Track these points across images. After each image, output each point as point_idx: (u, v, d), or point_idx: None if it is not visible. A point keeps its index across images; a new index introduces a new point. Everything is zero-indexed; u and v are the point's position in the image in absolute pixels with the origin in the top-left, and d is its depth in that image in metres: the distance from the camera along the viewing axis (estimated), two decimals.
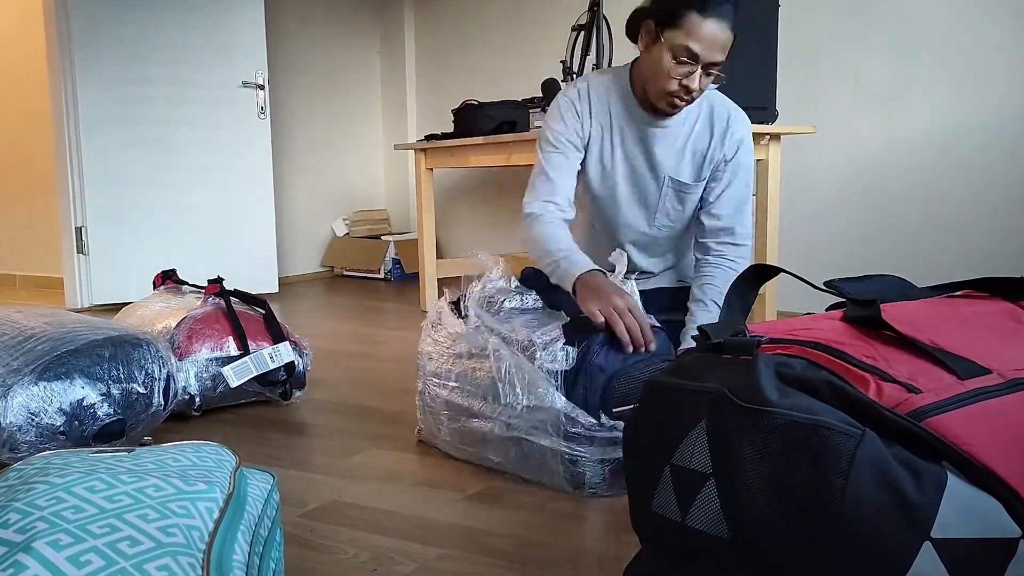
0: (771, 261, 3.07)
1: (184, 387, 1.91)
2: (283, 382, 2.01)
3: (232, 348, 1.99)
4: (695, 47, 1.60)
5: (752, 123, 2.84)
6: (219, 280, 2.15)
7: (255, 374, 1.96)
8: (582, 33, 3.03)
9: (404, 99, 5.00)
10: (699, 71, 1.63)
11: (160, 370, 1.71)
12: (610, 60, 2.95)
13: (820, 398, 0.86)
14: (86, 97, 3.67)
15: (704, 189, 1.83)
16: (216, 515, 0.82)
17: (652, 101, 1.72)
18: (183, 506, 0.81)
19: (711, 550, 0.89)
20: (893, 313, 1.01)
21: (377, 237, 4.85)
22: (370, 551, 1.23)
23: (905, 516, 0.78)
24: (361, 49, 5.05)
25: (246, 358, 1.96)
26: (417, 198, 3.61)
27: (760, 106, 2.88)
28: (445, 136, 3.49)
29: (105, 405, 1.59)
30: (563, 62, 3.14)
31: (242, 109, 4.01)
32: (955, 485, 0.80)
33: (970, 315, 1.08)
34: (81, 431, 1.56)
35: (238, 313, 2.09)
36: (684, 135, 1.79)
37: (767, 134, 2.94)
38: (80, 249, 3.76)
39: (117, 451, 0.94)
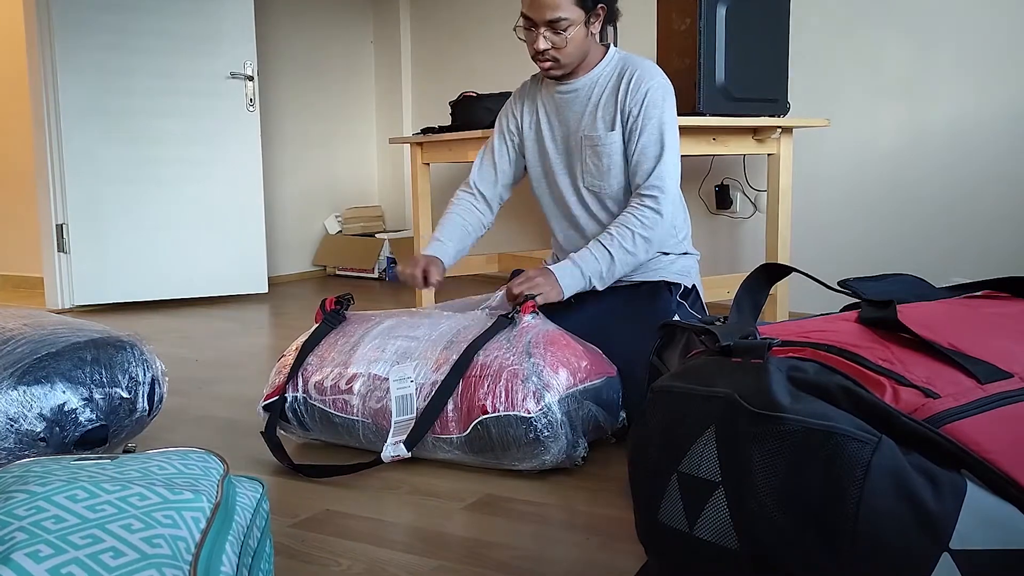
0: (783, 260, 3.07)
1: None
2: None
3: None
4: (526, 11, 1.85)
5: (763, 116, 2.86)
6: None
7: None
8: None
9: (399, 91, 5.00)
10: (539, 33, 1.84)
11: (145, 374, 1.71)
12: None
13: (834, 403, 0.86)
14: (67, 88, 3.67)
15: (625, 149, 1.94)
16: (203, 525, 0.82)
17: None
18: (168, 516, 0.81)
19: (720, 562, 0.89)
20: (910, 314, 1.01)
21: (371, 235, 4.85)
22: (364, 563, 1.23)
23: (923, 526, 0.78)
24: (354, 38, 5.05)
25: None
26: (413, 194, 3.61)
27: (771, 98, 2.88)
28: (442, 129, 3.49)
29: (87, 410, 1.59)
30: None
31: (230, 101, 4.01)
32: (975, 494, 0.80)
33: (991, 316, 1.08)
34: (62, 438, 1.56)
35: None
36: (596, 94, 1.95)
37: (778, 127, 2.94)
38: (61, 247, 3.76)
39: (100, 459, 0.94)
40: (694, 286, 2.04)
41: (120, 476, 0.87)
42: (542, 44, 1.85)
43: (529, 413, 1.50)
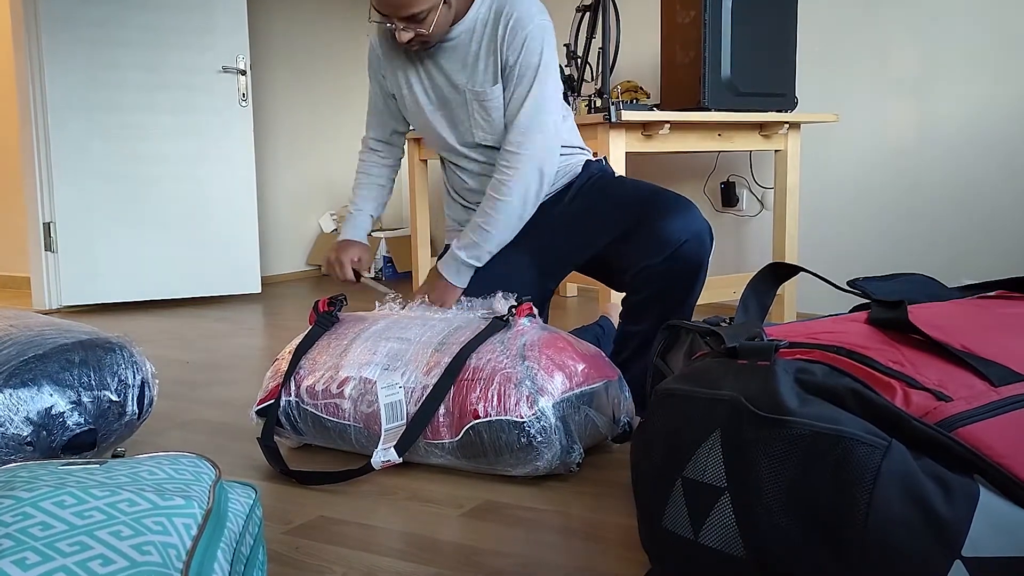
0: (790, 259, 3.07)
1: None
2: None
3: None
4: (379, 7, 1.78)
5: (769, 111, 2.86)
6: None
7: None
8: (587, 14, 3.03)
9: None
10: (399, 26, 1.78)
11: (134, 376, 1.71)
12: (617, 43, 2.95)
13: (843, 407, 0.86)
14: (54, 83, 3.67)
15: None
16: (194, 532, 0.82)
17: None
18: (159, 522, 0.81)
19: (725, 569, 0.89)
20: (921, 315, 1.02)
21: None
22: (359, 570, 1.23)
23: (934, 533, 0.78)
24: (350, 31, 5.05)
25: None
26: (410, 191, 3.61)
27: (778, 93, 2.88)
28: None
29: (75, 414, 1.59)
30: (567, 45, 3.15)
31: (222, 96, 4.01)
32: (988, 500, 0.80)
33: (1005, 317, 1.08)
34: (50, 442, 1.56)
35: None
36: (476, 43, 1.88)
37: (785, 123, 2.94)
38: (48, 246, 3.76)
39: (88, 463, 0.94)
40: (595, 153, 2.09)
41: (109, 481, 0.87)
42: (405, 37, 1.79)
43: (522, 418, 1.49)
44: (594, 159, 2.07)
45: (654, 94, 3.33)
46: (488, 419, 1.51)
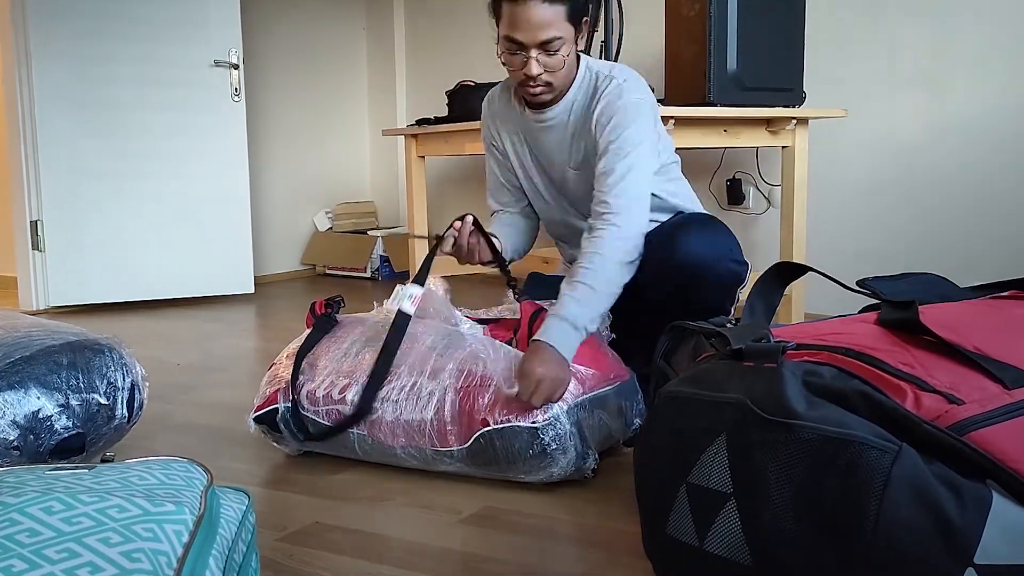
0: (797, 258, 3.07)
1: None
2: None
3: None
4: (515, 35, 1.72)
5: (777, 106, 2.86)
6: None
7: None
8: (590, 7, 3.03)
9: (393, 80, 5.00)
10: (532, 56, 1.74)
11: (124, 379, 1.71)
12: (620, 36, 2.95)
13: (852, 410, 0.86)
14: (42, 77, 3.67)
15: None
16: (185, 539, 0.82)
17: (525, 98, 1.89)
18: (149, 529, 0.81)
19: None
20: (933, 316, 1.01)
21: (363, 232, 4.85)
22: None
23: (946, 540, 0.78)
24: (346, 24, 5.05)
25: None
26: (407, 189, 3.61)
27: (785, 87, 2.88)
28: (438, 120, 3.49)
29: (63, 418, 1.59)
30: None
31: (214, 91, 4.01)
32: (1001, 506, 0.80)
33: (1018, 318, 1.08)
34: (37, 446, 1.56)
35: None
36: (572, 124, 1.89)
37: (793, 119, 2.94)
38: (35, 245, 3.76)
39: (77, 468, 0.94)
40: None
41: (98, 487, 0.87)
42: (535, 69, 1.75)
43: (535, 424, 1.49)
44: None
45: (658, 89, 3.33)
46: (500, 426, 1.51)
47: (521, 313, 1.76)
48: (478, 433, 1.53)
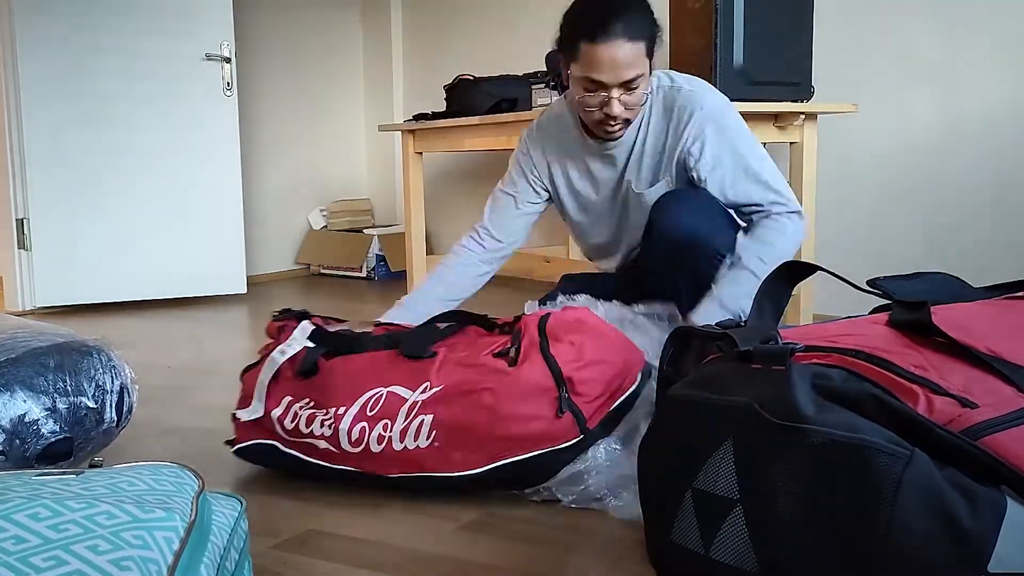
0: (806, 257, 3.07)
1: None
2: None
3: None
4: (597, 76, 1.74)
5: (785, 101, 2.86)
6: None
7: None
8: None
9: (389, 73, 5.00)
10: (614, 95, 1.76)
11: (113, 381, 1.70)
12: None
13: (863, 413, 0.86)
14: (28, 70, 3.67)
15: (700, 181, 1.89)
16: (176, 546, 0.82)
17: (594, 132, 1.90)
18: (138, 536, 0.81)
19: None
20: (945, 317, 1.01)
21: (359, 231, 4.85)
22: None
23: (959, 548, 0.78)
24: (341, 16, 5.05)
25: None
26: (404, 186, 3.61)
27: (793, 82, 2.88)
28: (436, 116, 3.49)
29: (50, 421, 1.59)
30: None
31: (205, 85, 4.01)
32: (1016, 513, 0.80)
33: None
34: (23, 451, 1.56)
35: None
36: (640, 142, 1.92)
37: (801, 114, 2.94)
38: (21, 244, 3.76)
39: (64, 474, 0.94)
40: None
41: (86, 493, 0.87)
42: (617, 109, 1.77)
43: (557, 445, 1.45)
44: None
45: None
46: (517, 458, 1.45)
47: (524, 324, 1.61)
48: (498, 464, 1.46)
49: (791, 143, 3.06)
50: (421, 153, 3.61)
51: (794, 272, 1.18)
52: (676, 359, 1.27)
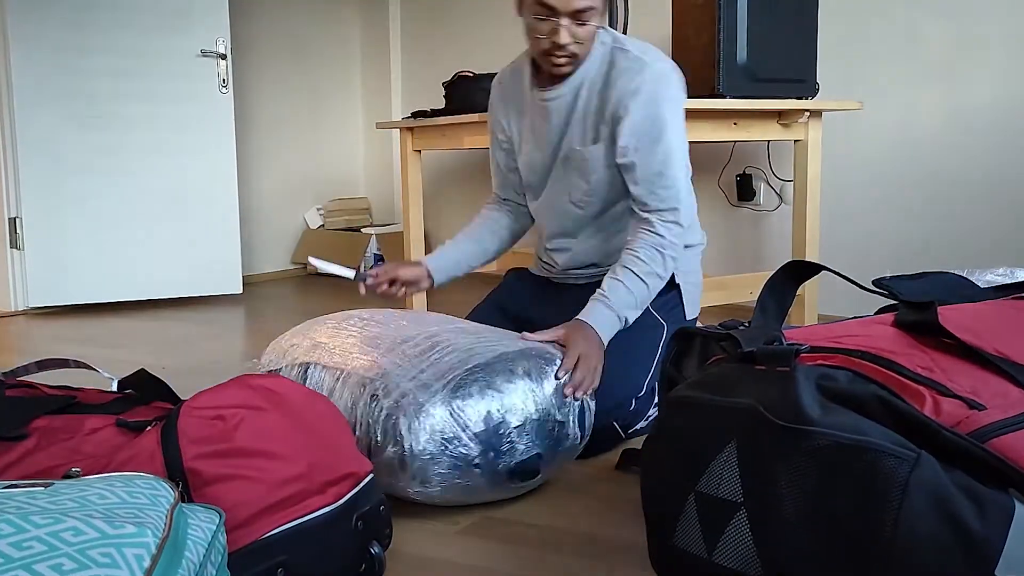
0: (811, 257, 3.07)
1: None
2: None
3: None
4: (549, 0, 1.72)
5: (789, 98, 2.86)
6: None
7: None
8: None
9: (388, 70, 5.00)
10: (563, 23, 1.74)
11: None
12: (625, 25, 2.95)
13: (868, 415, 0.86)
14: (20, 68, 3.67)
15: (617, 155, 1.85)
16: (147, 563, 0.80)
17: (544, 70, 1.87)
18: (106, 553, 0.79)
19: None
20: (952, 317, 1.01)
21: (356, 229, 4.85)
22: None
23: (966, 551, 0.77)
24: (338, 13, 5.05)
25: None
26: (402, 185, 3.61)
27: (798, 79, 2.88)
28: (435, 113, 3.49)
29: (524, 435, 1.48)
30: None
31: (201, 82, 4.00)
32: None
33: None
34: (496, 465, 1.46)
35: None
36: (582, 100, 1.88)
37: (806, 111, 2.94)
38: (14, 243, 3.76)
39: (32, 487, 0.90)
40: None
41: (52, 507, 0.84)
42: (564, 37, 1.75)
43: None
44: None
45: None
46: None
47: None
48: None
49: (795, 141, 3.06)
50: (420, 151, 3.61)
51: (798, 272, 1.18)
52: (679, 360, 1.27)
